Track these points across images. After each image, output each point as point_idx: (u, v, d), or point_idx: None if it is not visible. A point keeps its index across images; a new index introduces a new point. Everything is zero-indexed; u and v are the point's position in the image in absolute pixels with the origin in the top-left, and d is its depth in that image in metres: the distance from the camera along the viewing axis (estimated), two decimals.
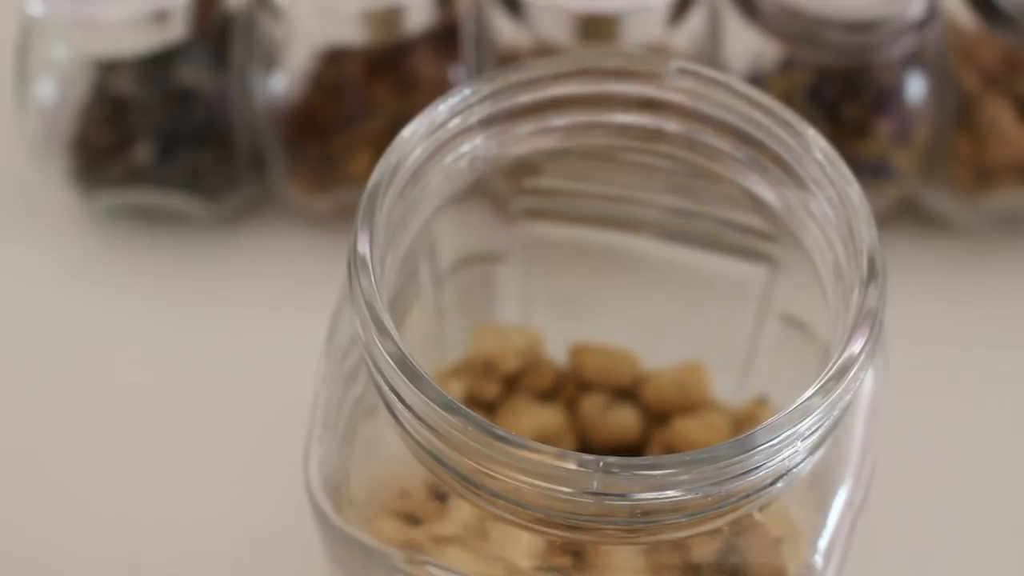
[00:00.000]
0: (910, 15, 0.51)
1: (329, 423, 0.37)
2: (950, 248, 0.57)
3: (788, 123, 0.38)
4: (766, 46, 0.53)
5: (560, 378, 0.45)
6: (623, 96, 0.39)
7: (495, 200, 0.44)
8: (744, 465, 0.32)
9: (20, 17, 0.53)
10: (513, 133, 0.39)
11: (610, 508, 0.32)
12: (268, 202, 0.57)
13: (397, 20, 0.51)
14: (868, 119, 0.53)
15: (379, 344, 0.33)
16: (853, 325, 0.34)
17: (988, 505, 0.50)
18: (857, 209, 0.36)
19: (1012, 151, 0.53)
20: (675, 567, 0.34)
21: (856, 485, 0.37)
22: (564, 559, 0.34)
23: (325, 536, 0.38)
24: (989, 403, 0.52)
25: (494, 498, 0.33)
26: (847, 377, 0.33)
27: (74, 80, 0.54)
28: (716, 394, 0.45)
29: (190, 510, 0.49)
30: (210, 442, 0.51)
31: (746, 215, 0.41)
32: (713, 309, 0.45)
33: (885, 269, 0.35)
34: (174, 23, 0.51)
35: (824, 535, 0.36)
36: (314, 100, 0.53)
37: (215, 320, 0.54)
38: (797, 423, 0.32)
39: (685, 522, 0.33)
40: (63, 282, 0.56)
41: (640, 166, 0.41)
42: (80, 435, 0.51)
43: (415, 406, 0.33)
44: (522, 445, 0.31)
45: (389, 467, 0.36)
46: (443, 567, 0.35)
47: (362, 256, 0.34)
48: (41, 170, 0.55)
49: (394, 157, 0.36)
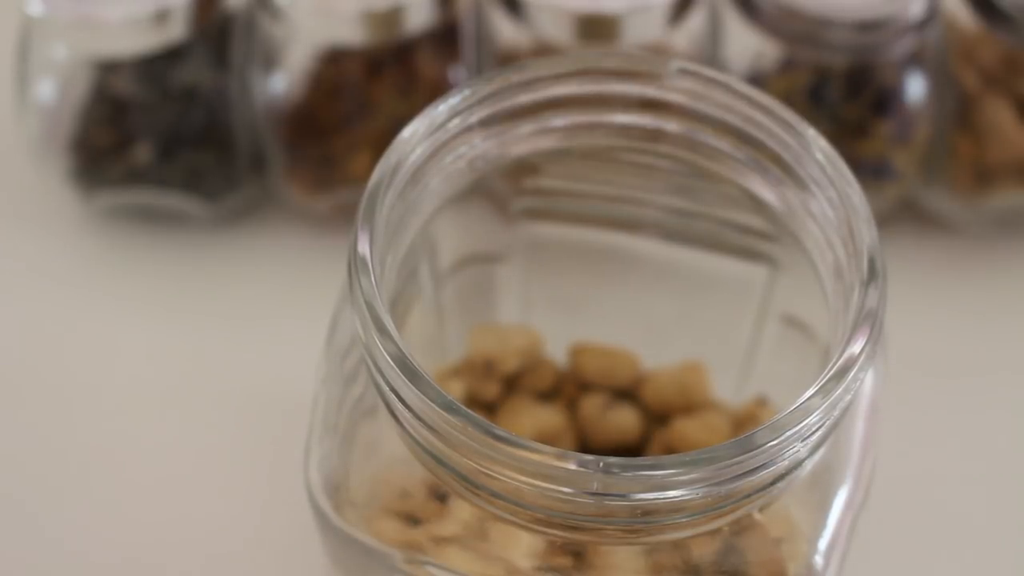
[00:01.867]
0: (910, 15, 0.51)
1: (329, 423, 0.37)
2: (950, 248, 0.57)
3: (788, 123, 0.38)
4: (766, 46, 0.53)
5: (560, 378, 0.45)
6: (623, 96, 0.39)
7: (495, 200, 0.44)
8: (745, 465, 0.32)
9: (20, 17, 0.53)
10: (513, 133, 0.39)
11: (610, 508, 0.32)
12: (268, 202, 0.57)
13: (397, 20, 0.51)
14: (868, 119, 0.53)
15: (379, 344, 0.33)
16: (853, 325, 0.34)
17: (988, 505, 0.50)
18: (857, 209, 0.36)
19: (1012, 151, 0.53)
20: (675, 567, 0.34)
21: (856, 485, 0.37)
22: (564, 559, 0.34)
23: (325, 537, 0.38)
24: (990, 403, 0.52)
25: (494, 498, 0.33)
26: (847, 377, 0.33)
27: (74, 80, 0.54)
28: (716, 394, 0.45)
29: (190, 510, 0.49)
30: (210, 442, 0.51)
31: (746, 215, 0.41)
32: (713, 309, 0.45)
33: (885, 269, 0.35)
34: (174, 23, 0.51)
35: (824, 535, 0.36)
36: (314, 100, 0.53)
37: (215, 320, 0.54)
38: (798, 423, 0.32)
39: (685, 522, 0.33)
40: (63, 282, 0.56)
41: (640, 166, 0.41)
42: (80, 435, 0.51)
43: (415, 406, 0.33)
44: (522, 445, 0.31)
45: (389, 467, 0.36)
46: (443, 567, 0.35)
47: (362, 256, 0.34)
48: (41, 170, 0.55)
49: (394, 157, 0.36)
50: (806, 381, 0.34)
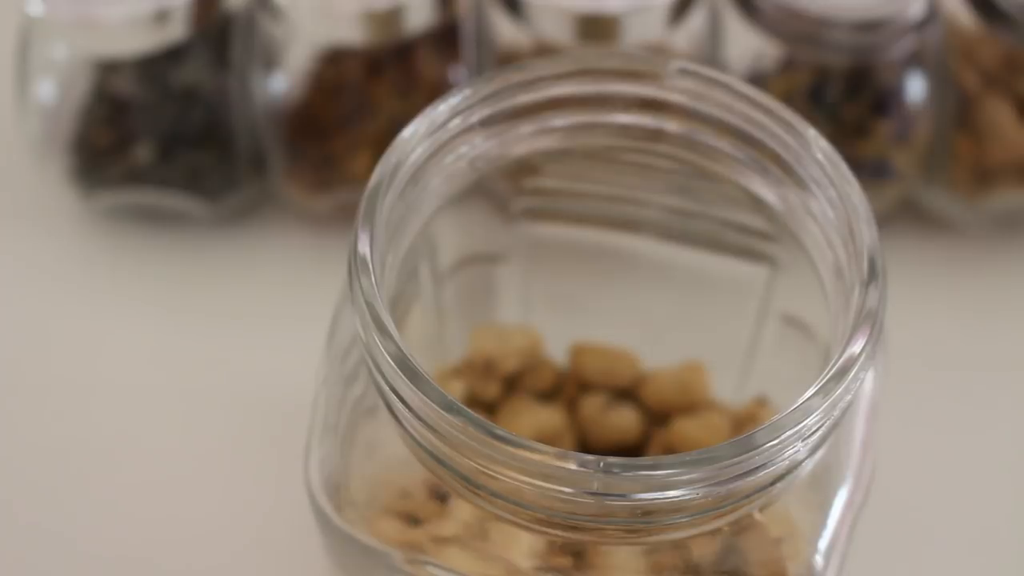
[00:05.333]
0: (910, 15, 0.51)
1: (329, 424, 0.37)
2: (950, 248, 0.57)
3: (789, 123, 0.38)
4: (766, 46, 0.53)
5: (560, 378, 0.45)
6: (623, 96, 0.39)
7: (495, 200, 0.44)
8: (745, 465, 0.32)
9: (20, 17, 0.53)
10: (513, 133, 0.39)
11: (610, 508, 0.32)
12: (268, 202, 0.57)
13: (397, 20, 0.51)
14: (868, 119, 0.53)
15: (379, 344, 0.33)
16: (854, 326, 0.34)
17: (988, 505, 0.50)
18: (857, 209, 0.36)
19: (1012, 151, 0.53)
20: (675, 567, 0.34)
21: (856, 485, 0.37)
22: (564, 559, 0.34)
23: (326, 537, 0.38)
24: (990, 403, 0.52)
25: (494, 498, 0.33)
26: (847, 377, 0.33)
27: (74, 80, 0.54)
28: (716, 394, 0.45)
29: (189, 510, 0.49)
30: (210, 442, 0.51)
31: (746, 215, 0.41)
32: (713, 309, 0.45)
33: (885, 270, 0.35)
34: (174, 23, 0.51)
35: (824, 535, 0.36)
36: (314, 100, 0.53)
37: (215, 320, 0.54)
38: (798, 423, 0.32)
39: (686, 522, 0.33)
40: (63, 282, 0.56)
41: (640, 166, 0.41)
42: (79, 435, 0.51)
43: (415, 406, 0.33)
44: (522, 445, 0.31)
45: (389, 467, 0.36)
46: (443, 567, 0.35)
47: (362, 256, 0.34)
48: (41, 170, 0.55)
49: (394, 157, 0.36)
50: (806, 381, 0.34)
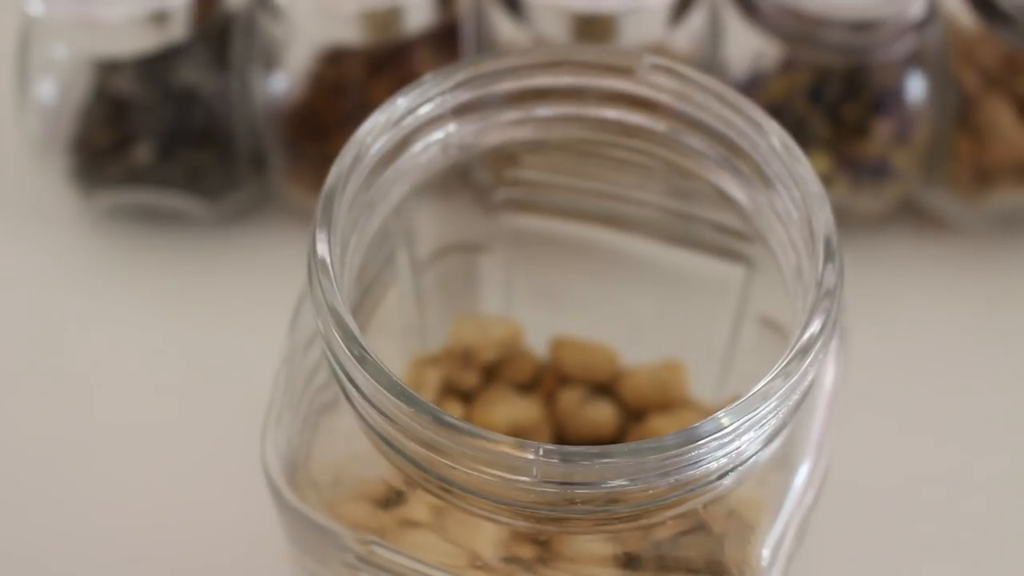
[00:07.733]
0: (910, 15, 0.51)
1: (289, 403, 0.37)
2: (950, 248, 0.56)
3: (753, 119, 0.37)
4: (766, 46, 0.53)
5: (539, 371, 0.45)
6: (596, 89, 0.39)
7: (476, 190, 0.44)
8: (690, 457, 0.31)
9: (20, 17, 0.53)
10: (487, 122, 0.39)
11: (553, 497, 0.32)
12: (268, 202, 0.57)
13: (397, 20, 0.51)
14: (868, 119, 0.53)
15: (334, 330, 0.33)
16: (812, 305, 0.33)
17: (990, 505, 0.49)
18: (812, 192, 0.35)
19: (1012, 151, 0.53)
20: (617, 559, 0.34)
21: (809, 484, 0.36)
22: (526, 548, 0.34)
23: (280, 513, 0.38)
24: (990, 402, 0.52)
25: (449, 486, 0.33)
26: (808, 357, 0.32)
27: (74, 80, 0.54)
28: (695, 394, 0.45)
29: (190, 508, 0.49)
30: (210, 441, 0.51)
31: (723, 214, 0.41)
32: (693, 308, 0.45)
33: (842, 252, 0.34)
34: (174, 23, 0.52)
35: (773, 531, 0.35)
36: (314, 100, 0.54)
37: (215, 319, 0.54)
38: (754, 409, 0.32)
39: (639, 512, 0.32)
40: (63, 282, 0.56)
41: (618, 161, 0.41)
42: (79, 434, 0.51)
43: (368, 392, 0.32)
44: (467, 431, 0.31)
45: (351, 452, 0.36)
46: (393, 548, 0.35)
47: (321, 258, 0.34)
48: (41, 170, 0.56)
49: (351, 153, 0.37)
50: None
